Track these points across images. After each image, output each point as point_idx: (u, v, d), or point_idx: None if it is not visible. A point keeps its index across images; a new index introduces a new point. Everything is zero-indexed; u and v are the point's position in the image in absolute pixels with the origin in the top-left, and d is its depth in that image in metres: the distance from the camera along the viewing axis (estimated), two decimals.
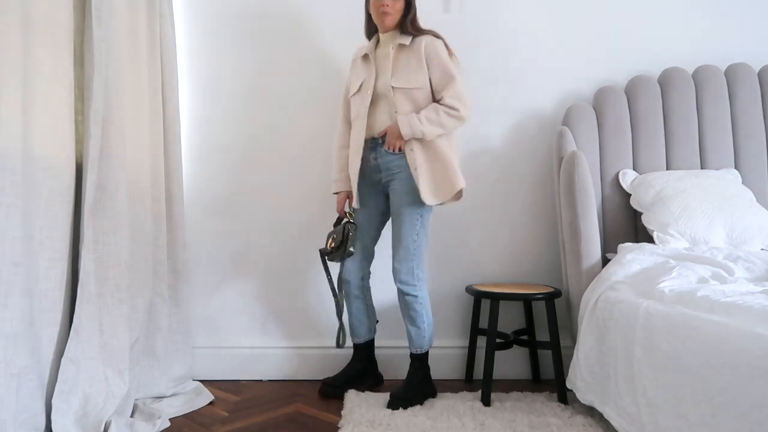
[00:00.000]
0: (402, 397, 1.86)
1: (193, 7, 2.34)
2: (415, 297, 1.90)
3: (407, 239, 1.88)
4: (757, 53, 2.40)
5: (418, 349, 1.94)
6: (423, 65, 1.88)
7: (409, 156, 1.86)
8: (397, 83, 1.88)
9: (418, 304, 1.90)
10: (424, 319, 1.92)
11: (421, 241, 1.90)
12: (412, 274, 1.88)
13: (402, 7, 1.91)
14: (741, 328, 1.13)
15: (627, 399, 1.47)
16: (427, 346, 1.95)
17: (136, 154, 1.88)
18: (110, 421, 1.54)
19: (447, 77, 1.88)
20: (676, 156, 2.22)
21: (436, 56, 1.88)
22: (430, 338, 1.96)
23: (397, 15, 1.91)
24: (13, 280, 1.37)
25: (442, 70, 1.89)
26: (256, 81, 2.34)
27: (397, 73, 1.89)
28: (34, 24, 1.47)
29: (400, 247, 1.89)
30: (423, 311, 1.92)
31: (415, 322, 1.92)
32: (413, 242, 1.89)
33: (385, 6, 1.88)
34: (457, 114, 1.86)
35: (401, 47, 1.92)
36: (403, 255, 1.89)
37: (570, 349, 1.99)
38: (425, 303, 1.93)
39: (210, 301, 2.31)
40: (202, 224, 2.32)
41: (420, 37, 1.91)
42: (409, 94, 1.88)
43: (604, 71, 2.38)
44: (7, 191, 1.36)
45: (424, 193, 1.83)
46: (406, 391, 1.89)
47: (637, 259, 1.79)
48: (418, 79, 1.88)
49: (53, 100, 1.53)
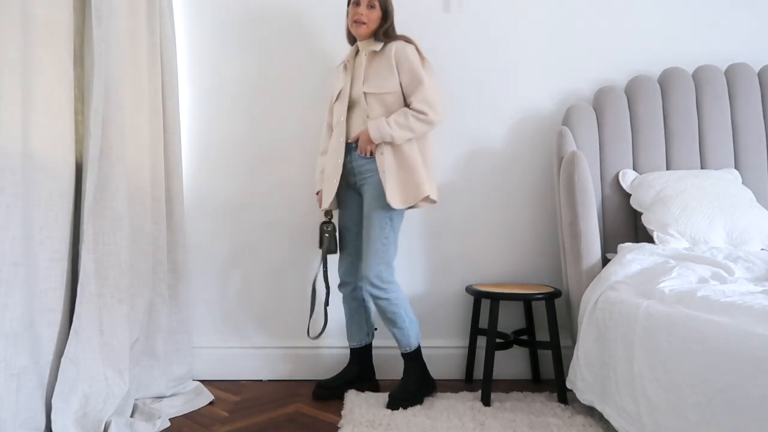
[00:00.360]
0: (400, 397, 1.86)
1: (194, 8, 2.34)
2: (387, 300, 1.88)
3: (376, 243, 1.88)
4: (757, 53, 2.40)
5: (407, 348, 1.94)
6: (394, 70, 1.91)
7: (379, 159, 1.88)
8: (368, 89, 1.92)
9: (393, 306, 1.89)
10: (404, 318, 1.91)
11: (389, 245, 1.90)
12: (380, 278, 1.87)
13: (378, 16, 1.94)
14: (741, 328, 1.13)
15: (627, 399, 1.47)
16: (415, 343, 1.95)
17: (136, 154, 1.88)
18: (110, 421, 1.54)
19: (416, 81, 1.90)
20: (676, 156, 2.22)
21: (405, 61, 1.91)
22: (416, 335, 1.95)
23: (372, 24, 1.93)
24: (13, 280, 1.37)
25: (411, 74, 1.90)
26: (256, 81, 2.34)
27: (369, 79, 1.93)
28: (34, 24, 1.47)
29: (369, 251, 1.89)
30: (401, 311, 1.91)
31: (396, 324, 1.91)
32: (382, 246, 1.88)
33: (360, 15, 1.91)
34: (426, 118, 1.87)
35: (373, 54, 1.96)
36: (371, 259, 1.87)
37: (570, 349, 1.99)
38: (401, 302, 1.91)
39: (210, 301, 2.31)
40: (202, 224, 2.32)
41: (391, 42, 1.94)
42: (381, 99, 1.91)
43: (604, 71, 2.38)
44: (7, 191, 1.36)
45: (390, 196, 1.84)
46: (404, 391, 1.89)
47: (637, 259, 1.79)
48: (389, 83, 1.90)
49: (53, 100, 1.53)
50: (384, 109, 1.91)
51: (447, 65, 2.35)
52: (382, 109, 1.91)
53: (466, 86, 2.36)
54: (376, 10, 1.93)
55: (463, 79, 2.36)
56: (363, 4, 1.91)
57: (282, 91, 2.34)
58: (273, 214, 2.33)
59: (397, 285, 1.92)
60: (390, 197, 1.84)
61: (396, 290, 1.91)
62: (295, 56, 2.35)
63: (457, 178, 2.35)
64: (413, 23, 2.33)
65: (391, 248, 1.90)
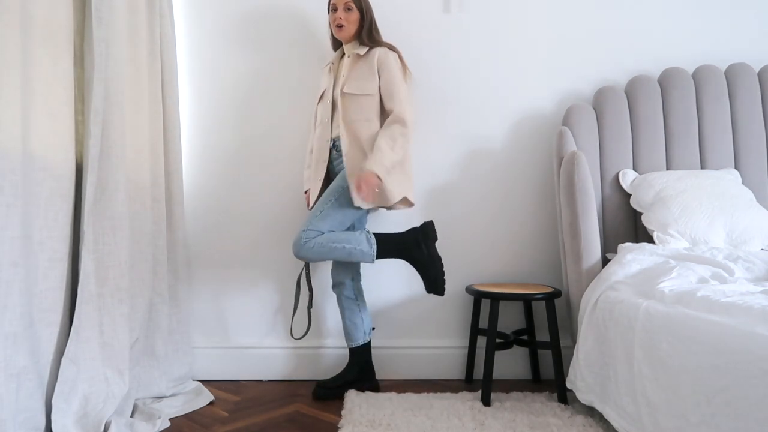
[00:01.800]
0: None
1: (193, 7, 2.34)
2: (312, 246, 1.87)
3: (316, 208, 1.93)
4: (757, 53, 2.40)
5: (363, 257, 1.92)
6: (375, 75, 1.98)
7: (347, 163, 1.94)
8: (348, 89, 1.98)
9: (321, 246, 1.88)
10: (339, 247, 1.90)
11: (327, 215, 1.90)
12: (302, 237, 1.88)
13: (357, 18, 2.02)
14: (741, 328, 1.13)
15: (627, 399, 1.47)
16: (368, 251, 1.91)
17: (136, 154, 1.88)
18: (110, 421, 1.55)
19: (393, 89, 1.96)
20: (676, 156, 2.22)
21: (386, 68, 1.98)
22: (365, 244, 1.91)
23: (351, 26, 2.02)
24: (12, 280, 1.37)
25: (390, 81, 1.97)
26: (256, 81, 2.34)
27: (350, 81, 1.99)
28: (34, 24, 1.47)
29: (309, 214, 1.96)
30: (330, 243, 1.89)
31: (337, 252, 1.90)
32: (319, 212, 1.91)
33: (339, 19, 2.00)
34: (406, 132, 1.93)
35: (357, 57, 2.03)
36: (305, 221, 1.93)
37: (570, 349, 1.99)
38: (326, 239, 1.89)
39: (210, 301, 2.31)
40: (202, 224, 2.32)
41: (375, 48, 2.01)
42: (358, 101, 1.97)
43: (604, 71, 2.38)
44: (7, 191, 1.36)
45: (355, 194, 1.88)
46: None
47: (637, 259, 1.79)
48: (369, 86, 1.97)
49: (53, 100, 1.53)
50: (359, 112, 1.96)
51: (447, 65, 2.36)
52: (357, 113, 1.96)
53: (466, 86, 2.36)
54: (353, 11, 2.01)
55: (463, 79, 2.36)
56: (340, 8, 2.00)
57: (282, 90, 2.34)
58: (273, 213, 2.33)
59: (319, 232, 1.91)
60: (354, 195, 1.88)
61: (312, 239, 1.88)
62: (295, 56, 2.35)
63: (457, 178, 2.35)
64: (413, 23, 2.35)
65: (327, 220, 1.91)
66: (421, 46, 2.34)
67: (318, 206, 1.94)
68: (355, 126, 1.96)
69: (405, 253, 1.93)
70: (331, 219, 1.92)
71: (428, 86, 2.35)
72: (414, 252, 1.93)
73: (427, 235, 1.95)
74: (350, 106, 1.97)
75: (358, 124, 1.96)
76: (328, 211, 1.91)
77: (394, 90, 1.96)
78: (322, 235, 1.89)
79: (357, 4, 2.01)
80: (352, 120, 1.96)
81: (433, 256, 1.94)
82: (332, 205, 1.92)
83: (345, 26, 2.00)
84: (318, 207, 1.94)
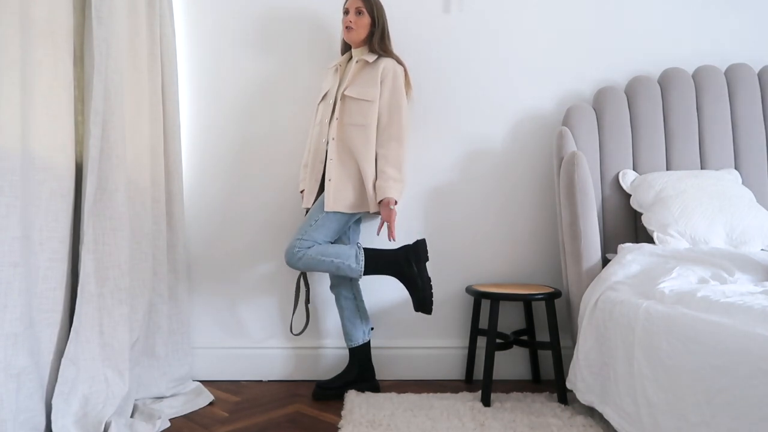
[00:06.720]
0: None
1: (194, 8, 2.34)
2: (301, 258, 1.89)
3: (305, 221, 1.96)
4: (757, 53, 2.40)
5: (353, 273, 1.94)
6: (378, 83, 1.99)
7: (329, 165, 1.96)
8: (350, 92, 1.99)
9: (309, 259, 1.90)
10: (325, 261, 1.91)
11: (318, 228, 1.93)
12: (293, 247, 1.91)
13: (368, 23, 2.03)
14: (741, 328, 1.13)
15: (627, 399, 1.47)
16: (356, 268, 1.93)
17: (136, 155, 1.88)
18: (110, 422, 1.54)
19: (393, 102, 1.98)
20: (676, 156, 2.22)
21: (391, 80, 1.99)
22: (353, 259, 1.93)
23: (361, 30, 2.03)
24: (12, 280, 1.37)
25: (392, 94, 1.98)
26: (256, 80, 2.34)
27: (354, 85, 2.00)
28: (34, 24, 1.47)
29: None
30: (318, 257, 1.91)
31: (324, 266, 1.91)
32: (309, 226, 1.93)
33: (349, 22, 2.02)
34: (401, 152, 1.96)
35: (365, 63, 2.04)
36: (295, 233, 1.96)
37: (570, 349, 1.99)
38: (314, 253, 1.91)
39: (210, 301, 2.31)
40: (202, 224, 2.32)
41: (384, 58, 2.02)
42: (360, 106, 1.98)
43: (604, 71, 2.38)
44: (6, 191, 1.36)
45: (327, 200, 1.92)
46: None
47: (637, 259, 1.79)
48: (371, 93, 1.97)
49: (53, 100, 1.53)
50: (359, 115, 1.96)
51: (447, 65, 2.36)
52: (356, 116, 1.96)
53: (466, 86, 2.36)
54: (364, 16, 2.02)
55: (463, 79, 2.36)
56: (352, 11, 2.02)
57: (282, 90, 2.34)
58: (273, 213, 2.32)
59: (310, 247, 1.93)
60: (326, 200, 1.92)
61: (305, 249, 1.91)
62: (295, 56, 2.35)
63: (457, 179, 2.35)
64: (413, 23, 2.35)
65: (321, 229, 1.93)
66: (420, 46, 2.34)
67: (312, 214, 1.96)
68: (350, 129, 1.97)
69: (395, 270, 1.95)
70: (326, 228, 1.94)
71: (428, 86, 2.35)
72: (404, 270, 1.95)
73: (418, 254, 1.97)
74: (350, 109, 1.98)
75: (353, 127, 1.96)
76: (322, 221, 1.93)
77: (394, 105, 1.97)
78: (314, 248, 1.91)
79: (369, 9, 2.02)
80: (348, 123, 1.97)
81: (423, 276, 1.95)
82: (326, 215, 1.94)
83: (354, 30, 2.01)
84: (312, 215, 1.95)
